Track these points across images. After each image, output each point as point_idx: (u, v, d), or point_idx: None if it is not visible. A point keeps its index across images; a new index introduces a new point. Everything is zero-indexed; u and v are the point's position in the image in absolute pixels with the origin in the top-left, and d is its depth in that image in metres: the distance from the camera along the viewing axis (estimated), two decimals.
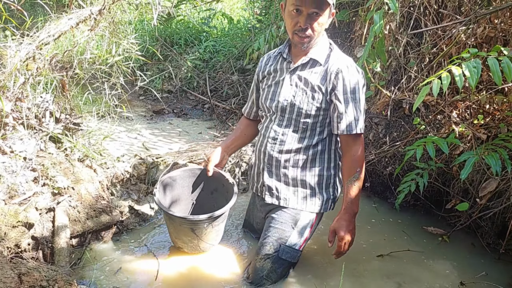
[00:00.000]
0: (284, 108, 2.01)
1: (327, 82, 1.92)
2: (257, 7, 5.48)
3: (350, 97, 1.90)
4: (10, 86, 2.32)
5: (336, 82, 1.90)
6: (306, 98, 1.96)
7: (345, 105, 1.90)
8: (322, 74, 1.94)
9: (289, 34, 1.93)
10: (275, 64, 2.08)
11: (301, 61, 1.97)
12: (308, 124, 1.99)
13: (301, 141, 2.01)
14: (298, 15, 1.84)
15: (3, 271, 1.60)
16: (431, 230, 2.54)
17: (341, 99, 1.90)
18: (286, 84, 2.01)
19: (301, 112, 1.97)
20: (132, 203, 2.52)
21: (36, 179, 2.19)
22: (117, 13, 2.64)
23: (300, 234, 2.06)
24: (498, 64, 1.83)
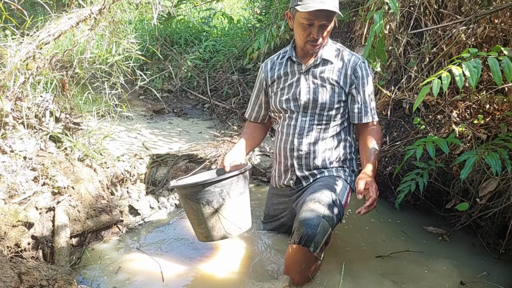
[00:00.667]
0: (307, 105, 2.13)
1: (345, 77, 2.10)
2: (257, 7, 5.48)
3: (367, 90, 2.11)
4: (10, 85, 2.32)
5: (355, 76, 2.09)
6: (327, 93, 2.10)
7: (364, 98, 2.11)
8: (338, 70, 2.10)
9: (301, 43, 2.06)
10: (284, 68, 2.19)
11: (313, 62, 2.11)
12: (331, 116, 2.14)
13: (326, 132, 2.15)
14: (310, 27, 1.97)
15: (3, 270, 1.60)
16: (431, 230, 2.54)
17: (361, 92, 2.10)
18: (303, 83, 2.13)
19: (324, 106, 2.11)
20: (132, 203, 2.52)
21: (36, 179, 2.19)
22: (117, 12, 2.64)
23: (342, 193, 2.08)
24: (498, 64, 1.83)
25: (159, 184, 2.78)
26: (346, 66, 2.10)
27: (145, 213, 2.53)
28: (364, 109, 2.12)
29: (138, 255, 2.19)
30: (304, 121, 2.15)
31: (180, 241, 2.34)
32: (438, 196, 2.69)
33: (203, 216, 2.02)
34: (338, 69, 2.11)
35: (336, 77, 2.10)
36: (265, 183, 3.10)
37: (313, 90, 2.12)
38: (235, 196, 2.02)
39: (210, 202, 1.98)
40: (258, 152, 3.29)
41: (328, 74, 2.10)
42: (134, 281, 2.00)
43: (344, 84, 2.10)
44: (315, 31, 1.98)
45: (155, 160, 2.92)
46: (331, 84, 2.10)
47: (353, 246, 2.38)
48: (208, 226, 2.04)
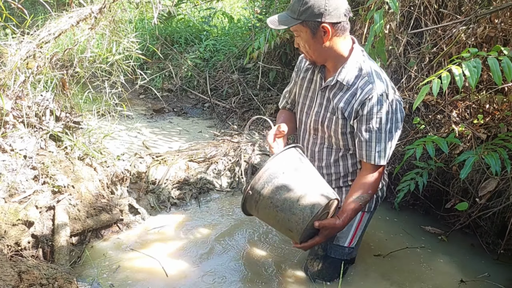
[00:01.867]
0: (316, 128, 2.02)
1: (351, 109, 1.87)
2: (257, 6, 5.47)
3: (374, 128, 1.83)
4: (11, 84, 2.32)
5: (362, 110, 1.83)
6: (332, 124, 1.94)
7: (368, 135, 1.85)
8: (347, 99, 1.87)
9: None
10: (311, 74, 2.03)
11: (329, 81, 1.91)
12: (339, 143, 1.99)
13: (337, 154, 2.03)
14: None
15: (3, 269, 1.60)
16: (428, 230, 2.54)
17: (363, 129, 1.85)
18: (317, 103, 1.99)
19: (331, 134, 1.97)
20: (132, 202, 2.53)
21: (36, 178, 2.19)
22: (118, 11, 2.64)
23: (346, 232, 2.03)
24: (498, 64, 1.83)
25: (159, 183, 2.79)
26: (356, 97, 1.84)
27: (145, 212, 2.53)
28: (359, 145, 1.89)
29: (138, 254, 2.19)
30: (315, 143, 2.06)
31: (180, 240, 2.35)
32: (437, 196, 2.69)
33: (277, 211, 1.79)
34: (348, 98, 1.87)
35: (342, 107, 1.89)
36: None
37: (323, 116, 1.97)
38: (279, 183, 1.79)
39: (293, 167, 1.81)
40: (258, 151, 3.29)
41: (338, 102, 1.89)
42: (134, 279, 2.00)
43: (349, 116, 1.89)
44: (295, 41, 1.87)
45: (155, 159, 2.92)
46: (336, 115, 1.92)
47: None
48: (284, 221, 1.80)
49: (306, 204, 1.76)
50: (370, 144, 1.85)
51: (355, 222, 2.06)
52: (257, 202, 1.81)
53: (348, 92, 1.87)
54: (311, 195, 1.78)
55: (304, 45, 1.84)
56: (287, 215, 1.78)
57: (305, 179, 1.82)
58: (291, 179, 1.78)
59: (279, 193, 1.77)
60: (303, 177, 1.82)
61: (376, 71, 1.86)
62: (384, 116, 1.81)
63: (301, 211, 1.76)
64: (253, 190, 1.79)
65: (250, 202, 1.84)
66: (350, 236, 2.06)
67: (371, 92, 1.80)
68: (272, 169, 1.77)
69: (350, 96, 1.86)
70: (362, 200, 1.86)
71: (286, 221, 1.79)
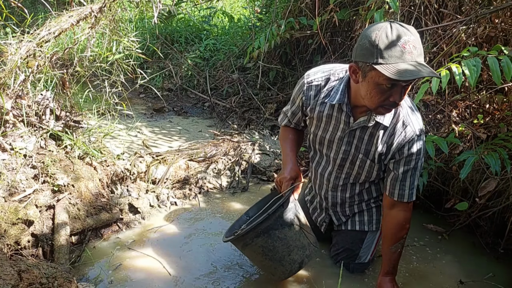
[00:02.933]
0: (343, 164, 1.92)
1: (388, 151, 1.78)
2: (257, 6, 5.47)
3: (411, 168, 1.76)
4: (11, 83, 2.32)
5: (401, 153, 1.75)
6: (366, 165, 1.86)
7: (403, 175, 1.77)
8: (385, 141, 1.76)
9: (371, 105, 1.62)
10: (330, 110, 1.82)
11: (364, 121, 1.75)
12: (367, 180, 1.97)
13: (362, 186, 2.00)
14: (391, 88, 1.54)
15: (2, 268, 1.60)
16: (430, 228, 2.54)
17: (400, 170, 1.77)
18: (345, 142, 1.85)
19: (361, 172, 1.91)
20: (132, 201, 2.53)
21: (36, 177, 2.20)
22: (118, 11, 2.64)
23: (367, 250, 2.09)
24: (498, 63, 1.84)
25: (159, 182, 2.79)
26: (395, 138, 1.73)
27: (145, 211, 2.53)
28: (392, 183, 1.81)
29: (138, 253, 2.20)
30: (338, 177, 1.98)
31: (180, 240, 2.35)
32: (437, 196, 2.69)
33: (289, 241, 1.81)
34: (386, 140, 1.75)
35: (380, 150, 1.78)
36: (265, 181, 3.11)
37: (353, 156, 1.86)
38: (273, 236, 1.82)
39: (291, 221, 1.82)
40: (258, 150, 3.29)
41: (374, 144, 1.78)
42: (134, 279, 2.00)
43: (385, 157, 1.80)
44: (398, 94, 1.54)
45: (155, 158, 2.92)
46: (372, 159, 1.82)
47: None
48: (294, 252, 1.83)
49: (296, 259, 1.83)
50: (404, 183, 1.78)
51: (375, 240, 2.10)
52: (246, 245, 1.82)
53: (386, 133, 1.75)
54: (302, 249, 1.83)
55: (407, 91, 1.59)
56: (274, 264, 1.83)
57: (298, 231, 1.84)
58: (287, 232, 1.79)
59: (273, 244, 1.78)
60: (297, 229, 1.83)
61: (410, 107, 1.76)
62: (421, 154, 1.76)
63: (290, 264, 1.83)
64: (247, 235, 1.78)
65: (237, 243, 1.87)
66: (370, 252, 2.11)
67: (411, 135, 1.71)
68: (272, 220, 1.77)
69: (388, 137, 1.75)
70: (399, 248, 1.84)
71: (272, 268, 1.86)
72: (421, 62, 1.48)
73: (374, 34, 1.48)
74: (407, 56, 1.45)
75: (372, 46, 1.48)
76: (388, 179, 1.83)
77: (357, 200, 2.06)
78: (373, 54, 1.48)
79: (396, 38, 1.45)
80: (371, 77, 1.53)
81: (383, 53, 1.46)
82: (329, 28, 3.89)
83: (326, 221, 2.19)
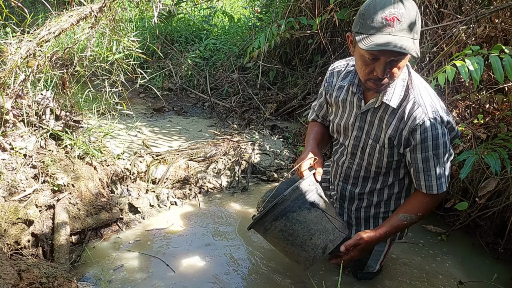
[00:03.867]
0: (355, 152, 1.85)
1: (400, 136, 1.67)
2: (257, 5, 5.47)
3: (431, 155, 1.63)
4: (11, 83, 2.32)
5: (413, 138, 1.62)
6: (376, 152, 1.76)
7: (425, 164, 1.65)
8: (395, 125, 1.66)
9: (361, 78, 1.62)
10: (345, 94, 1.81)
11: (372, 104, 1.71)
12: (380, 172, 1.83)
13: (374, 184, 1.89)
14: (374, 62, 1.51)
15: (3, 267, 1.60)
16: (430, 228, 2.54)
17: (418, 159, 1.65)
18: (356, 127, 1.80)
19: (371, 162, 1.80)
20: (132, 201, 2.53)
21: (36, 176, 2.20)
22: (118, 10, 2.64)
23: (375, 261, 2.02)
24: (500, 61, 1.85)
25: (159, 182, 2.79)
26: (405, 122, 1.63)
27: (145, 211, 2.53)
28: (416, 175, 1.70)
29: (138, 253, 2.20)
30: (351, 168, 1.89)
31: (180, 239, 2.35)
32: None
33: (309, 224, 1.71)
34: (395, 124, 1.66)
35: (389, 134, 1.68)
36: (265, 181, 3.11)
37: (363, 142, 1.79)
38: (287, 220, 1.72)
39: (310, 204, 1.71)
40: (258, 150, 3.29)
41: (383, 128, 1.70)
42: (133, 278, 2.00)
43: (398, 144, 1.69)
44: (380, 68, 1.50)
45: (155, 158, 2.92)
46: (382, 143, 1.73)
47: None
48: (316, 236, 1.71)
49: (318, 243, 1.70)
50: (429, 173, 1.66)
51: (384, 251, 2.01)
52: (267, 230, 1.75)
53: (395, 116, 1.65)
54: (324, 233, 1.71)
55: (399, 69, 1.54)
56: (297, 250, 1.73)
57: (319, 214, 1.72)
58: (306, 215, 1.69)
59: (293, 228, 1.69)
60: (318, 212, 1.71)
61: (424, 88, 1.66)
62: (441, 140, 1.60)
63: (312, 250, 1.71)
64: (266, 219, 1.71)
65: (259, 228, 1.78)
66: (379, 262, 2.04)
67: (422, 117, 1.59)
68: (289, 202, 1.68)
69: (398, 121, 1.65)
70: (409, 219, 1.72)
71: (295, 255, 1.75)
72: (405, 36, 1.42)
73: (367, 3, 1.46)
74: (386, 28, 1.41)
75: (360, 15, 1.48)
76: (411, 172, 1.72)
77: (366, 203, 1.94)
78: (358, 24, 1.48)
79: (381, 9, 1.41)
80: (357, 48, 1.51)
81: (365, 23, 1.44)
82: (329, 28, 3.89)
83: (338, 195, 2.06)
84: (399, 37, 1.41)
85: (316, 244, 1.70)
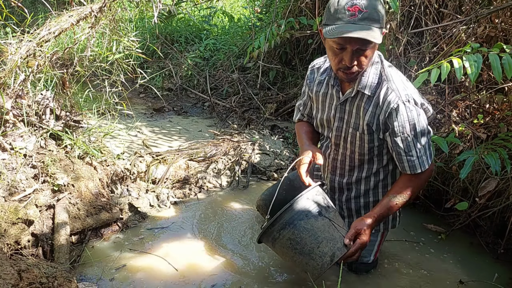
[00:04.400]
0: (338, 143, 1.92)
1: (377, 121, 1.75)
2: (257, 5, 5.47)
3: (410, 136, 1.71)
4: (11, 83, 2.32)
5: (391, 122, 1.71)
6: (357, 140, 1.84)
7: (405, 145, 1.73)
8: (371, 111, 1.75)
9: (333, 68, 1.72)
10: (325, 88, 1.90)
11: (349, 93, 1.79)
12: (364, 159, 1.89)
13: (360, 173, 1.95)
14: (342, 51, 1.61)
15: (2, 267, 1.60)
16: (431, 227, 2.54)
17: (398, 141, 1.73)
18: (337, 118, 1.88)
19: (354, 150, 1.88)
20: (132, 201, 2.53)
21: (36, 176, 2.20)
22: (118, 10, 2.64)
23: (370, 250, 2.04)
24: (499, 60, 1.84)
25: (159, 182, 2.79)
26: (380, 107, 1.72)
27: (145, 211, 2.53)
28: (398, 158, 1.78)
29: (138, 253, 2.20)
30: (336, 159, 1.97)
31: (180, 239, 2.35)
32: (437, 195, 2.69)
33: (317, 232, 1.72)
34: (372, 110, 1.75)
35: (367, 121, 1.76)
36: (265, 181, 3.11)
37: (344, 132, 1.87)
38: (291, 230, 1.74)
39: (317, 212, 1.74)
40: (258, 150, 3.29)
41: (361, 115, 1.78)
42: (133, 278, 2.00)
43: (377, 129, 1.77)
44: (348, 56, 1.60)
45: (155, 158, 2.92)
46: (361, 130, 1.80)
47: None
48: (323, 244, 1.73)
49: (326, 251, 1.72)
50: (411, 153, 1.74)
51: (377, 241, 2.06)
52: (275, 240, 1.76)
53: (371, 103, 1.74)
54: (332, 241, 1.73)
55: (366, 57, 1.63)
56: (305, 259, 1.74)
57: (327, 222, 1.74)
58: (313, 223, 1.71)
59: (300, 236, 1.71)
60: (325, 220, 1.74)
61: (396, 74, 1.75)
62: (417, 120, 1.70)
63: (320, 258, 1.72)
64: (274, 227, 1.73)
65: (267, 238, 1.79)
66: (373, 253, 2.07)
67: (395, 100, 1.68)
68: (296, 211, 1.71)
69: (374, 107, 1.74)
70: (400, 200, 1.78)
71: (304, 264, 1.76)
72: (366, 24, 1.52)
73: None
74: (348, 18, 1.52)
75: (327, 8, 1.60)
76: (394, 156, 1.80)
77: (354, 192, 2.00)
78: (325, 17, 1.61)
79: (343, 1, 1.54)
80: (327, 39, 1.63)
81: (330, 15, 1.57)
82: None
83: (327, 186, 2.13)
84: (361, 25, 1.52)
85: (324, 252, 1.72)
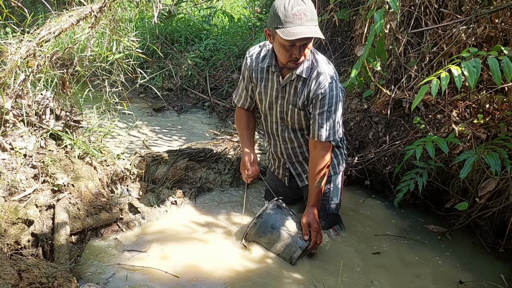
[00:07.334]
0: (282, 118, 2.31)
1: (306, 97, 2.16)
2: (257, 5, 5.47)
3: (326, 110, 2.14)
4: (11, 83, 2.32)
5: (316, 98, 2.13)
6: (295, 114, 2.24)
7: (319, 117, 2.15)
8: (305, 91, 2.15)
9: (282, 61, 2.09)
10: (266, 74, 2.25)
11: (288, 78, 2.17)
12: (305, 131, 2.31)
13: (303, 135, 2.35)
14: (292, 47, 1.98)
15: (3, 267, 1.60)
16: (431, 228, 2.54)
17: (316, 112, 2.15)
18: (280, 97, 2.25)
19: (295, 125, 2.30)
20: (132, 201, 2.53)
21: (36, 176, 2.20)
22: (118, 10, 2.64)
23: (336, 191, 2.47)
24: (498, 63, 1.84)
25: (159, 182, 2.79)
26: (313, 88, 2.13)
27: (145, 211, 2.53)
28: (312, 125, 2.18)
29: (138, 253, 2.20)
30: (284, 131, 2.35)
31: (180, 239, 2.35)
32: (437, 196, 2.69)
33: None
34: (306, 90, 2.15)
35: (303, 99, 2.17)
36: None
37: (286, 109, 2.25)
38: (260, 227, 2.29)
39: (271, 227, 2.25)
40: (258, 150, 3.28)
41: (298, 95, 2.17)
42: (133, 278, 2.00)
43: (307, 104, 2.19)
44: (297, 51, 1.99)
45: (155, 158, 2.92)
46: (298, 107, 2.20)
47: (352, 245, 2.39)
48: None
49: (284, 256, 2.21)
50: (322, 124, 2.15)
51: (339, 183, 2.48)
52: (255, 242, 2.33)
53: (306, 84, 2.15)
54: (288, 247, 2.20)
55: (308, 49, 2.04)
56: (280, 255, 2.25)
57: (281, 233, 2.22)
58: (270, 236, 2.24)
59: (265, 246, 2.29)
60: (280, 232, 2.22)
61: (323, 61, 2.16)
62: (334, 99, 2.13)
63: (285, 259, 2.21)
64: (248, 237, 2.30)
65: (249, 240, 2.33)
66: (339, 194, 2.49)
67: (323, 82, 2.10)
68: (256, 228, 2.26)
69: (307, 87, 2.14)
70: (321, 183, 2.23)
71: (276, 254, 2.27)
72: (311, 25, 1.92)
73: (277, 5, 1.94)
74: (298, 21, 1.89)
75: (275, 14, 1.94)
76: (310, 123, 2.20)
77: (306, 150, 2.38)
78: (275, 21, 1.94)
79: (290, 8, 1.89)
80: (277, 39, 1.99)
81: (281, 20, 1.91)
82: (329, 28, 3.89)
83: (287, 175, 2.56)
84: (309, 26, 1.92)
85: (283, 257, 2.21)
